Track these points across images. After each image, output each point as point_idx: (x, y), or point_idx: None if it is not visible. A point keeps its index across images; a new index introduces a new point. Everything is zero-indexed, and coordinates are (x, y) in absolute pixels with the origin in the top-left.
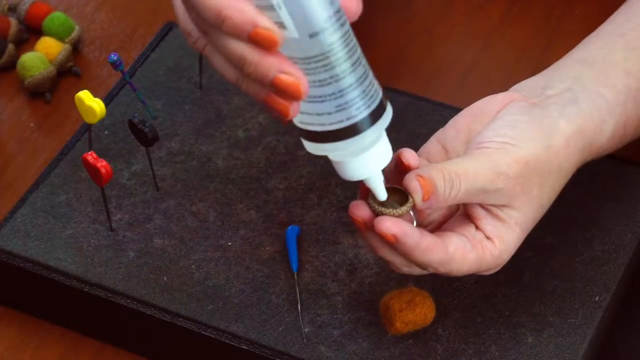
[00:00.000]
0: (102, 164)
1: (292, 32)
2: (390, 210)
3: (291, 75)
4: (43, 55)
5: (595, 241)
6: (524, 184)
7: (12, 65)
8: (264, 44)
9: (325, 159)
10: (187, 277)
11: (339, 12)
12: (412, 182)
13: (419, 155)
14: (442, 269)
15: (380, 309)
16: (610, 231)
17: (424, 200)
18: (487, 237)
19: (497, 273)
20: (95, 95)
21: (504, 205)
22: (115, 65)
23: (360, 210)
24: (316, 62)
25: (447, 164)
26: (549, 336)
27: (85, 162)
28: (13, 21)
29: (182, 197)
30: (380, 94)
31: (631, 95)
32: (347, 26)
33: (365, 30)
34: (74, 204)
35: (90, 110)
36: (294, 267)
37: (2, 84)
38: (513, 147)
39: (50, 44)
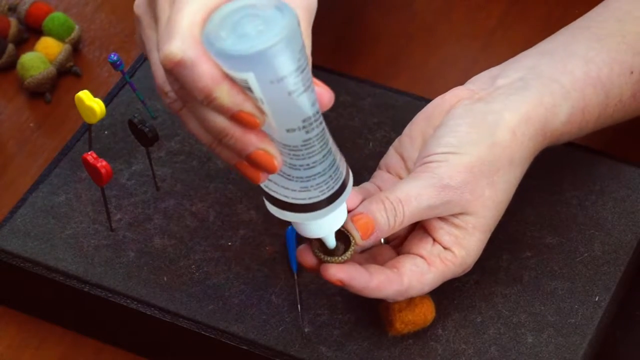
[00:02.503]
0: (102, 164)
1: (271, 122)
2: (334, 258)
3: (268, 152)
4: (43, 55)
5: (595, 241)
6: (473, 189)
7: (12, 65)
8: (246, 125)
9: None
10: (187, 277)
11: (317, 114)
12: (348, 224)
13: (380, 168)
14: (400, 298)
15: (380, 310)
16: (610, 231)
17: (363, 239)
18: (445, 248)
19: (497, 273)
20: (95, 95)
21: (459, 213)
22: (115, 65)
23: (306, 258)
24: (289, 149)
25: (389, 191)
26: (549, 336)
27: (85, 162)
28: (13, 21)
29: (182, 197)
30: (344, 173)
31: (590, 82)
32: (323, 124)
33: (365, 30)
34: (74, 204)
35: (90, 110)
36: (294, 267)
37: (2, 84)
38: (454, 156)
39: (50, 44)
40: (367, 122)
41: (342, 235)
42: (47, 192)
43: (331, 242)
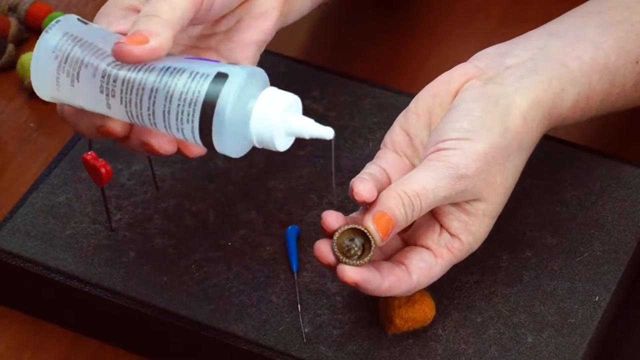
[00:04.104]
0: (102, 164)
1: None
2: (352, 261)
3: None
4: None
5: (595, 241)
6: (486, 177)
7: (12, 65)
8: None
9: (325, 159)
10: (187, 277)
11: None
12: (369, 227)
13: (384, 145)
14: (409, 293)
15: (379, 308)
16: (610, 231)
17: (383, 240)
18: (452, 235)
19: (498, 273)
20: None
21: (471, 200)
22: None
23: (325, 256)
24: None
25: (405, 183)
26: (549, 336)
27: (85, 162)
28: (13, 21)
29: (182, 197)
30: (214, 72)
31: (597, 69)
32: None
33: (365, 30)
34: (74, 204)
35: None
36: (294, 267)
37: (2, 84)
38: (468, 143)
39: None
40: (367, 122)
41: (362, 234)
42: (47, 192)
43: (321, 131)
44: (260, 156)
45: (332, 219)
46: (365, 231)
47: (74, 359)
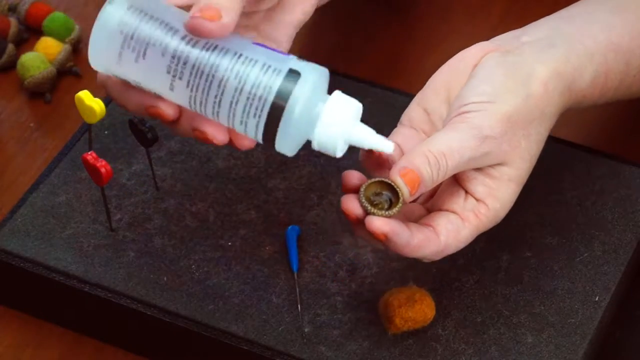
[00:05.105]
0: (102, 164)
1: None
2: (381, 212)
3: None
4: (43, 55)
5: (595, 241)
6: (511, 139)
7: (12, 65)
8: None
9: (324, 159)
10: (187, 277)
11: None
12: (397, 179)
13: (402, 123)
14: (436, 258)
15: (379, 308)
16: (610, 231)
17: (411, 194)
18: (478, 200)
19: (497, 273)
20: (95, 95)
21: (496, 164)
22: None
23: (352, 207)
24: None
25: (430, 143)
26: (549, 336)
27: (85, 162)
28: (13, 21)
29: (182, 197)
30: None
31: (612, 47)
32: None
33: (365, 30)
34: (74, 204)
35: (90, 110)
36: (294, 267)
37: (2, 84)
38: (492, 105)
39: (50, 44)
40: (367, 122)
41: (388, 187)
42: (47, 192)
43: (380, 144)
44: (260, 156)
45: (355, 176)
46: (393, 184)
47: (74, 359)
